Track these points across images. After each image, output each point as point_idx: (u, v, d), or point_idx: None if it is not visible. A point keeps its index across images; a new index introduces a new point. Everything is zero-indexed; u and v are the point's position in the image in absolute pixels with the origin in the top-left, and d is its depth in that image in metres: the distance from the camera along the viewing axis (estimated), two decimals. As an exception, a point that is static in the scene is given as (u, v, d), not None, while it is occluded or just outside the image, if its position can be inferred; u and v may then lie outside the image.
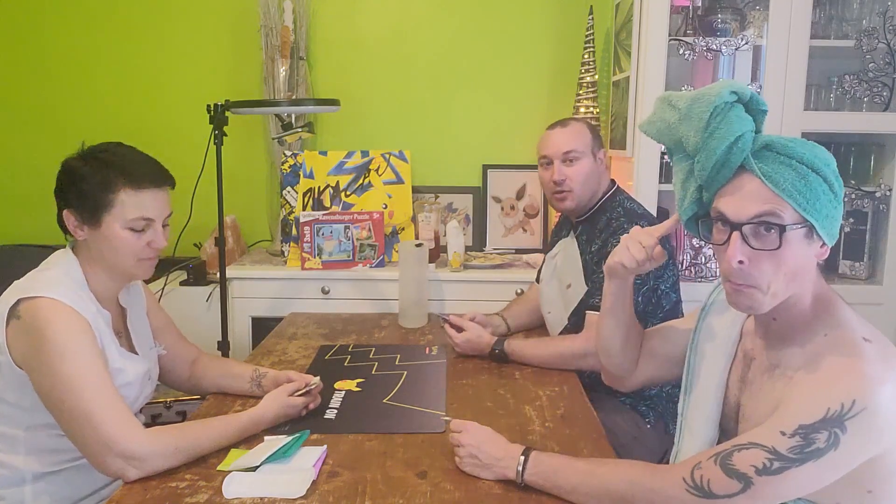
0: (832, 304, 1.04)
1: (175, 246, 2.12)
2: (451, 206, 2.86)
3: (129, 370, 1.38)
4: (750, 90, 1.04)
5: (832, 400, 0.91)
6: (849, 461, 0.92)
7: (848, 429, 0.89)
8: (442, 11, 2.82)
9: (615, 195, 1.86)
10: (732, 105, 1.02)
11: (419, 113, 2.86)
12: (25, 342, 1.24)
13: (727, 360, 1.16)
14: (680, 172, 1.11)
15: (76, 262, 1.35)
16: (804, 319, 1.03)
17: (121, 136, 1.54)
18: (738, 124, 1.00)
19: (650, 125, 1.14)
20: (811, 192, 0.96)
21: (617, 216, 1.77)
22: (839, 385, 0.92)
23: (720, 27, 2.36)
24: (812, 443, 0.91)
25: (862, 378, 0.91)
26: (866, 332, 0.98)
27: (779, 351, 1.06)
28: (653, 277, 1.69)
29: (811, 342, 1.01)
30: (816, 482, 0.94)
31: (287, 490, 1.14)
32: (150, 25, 2.82)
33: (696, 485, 0.97)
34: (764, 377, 1.07)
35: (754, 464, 0.93)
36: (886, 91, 2.34)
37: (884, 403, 0.90)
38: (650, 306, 1.72)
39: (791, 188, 0.96)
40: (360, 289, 2.44)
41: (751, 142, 1.01)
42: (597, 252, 1.76)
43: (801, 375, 0.98)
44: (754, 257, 0.98)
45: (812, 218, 0.97)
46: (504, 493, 1.14)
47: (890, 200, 2.37)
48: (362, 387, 1.61)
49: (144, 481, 1.17)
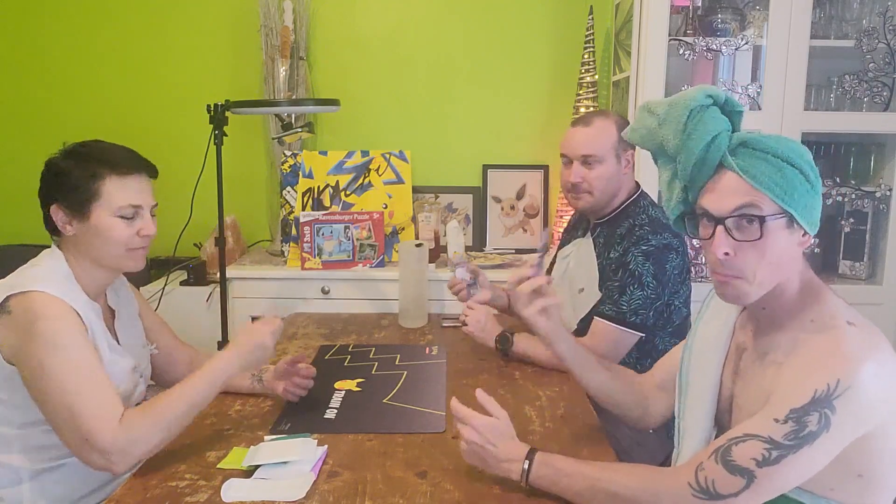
0: (818, 292, 1.07)
1: (175, 246, 2.12)
2: (451, 206, 2.86)
3: (117, 364, 1.38)
4: (724, 93, 1.09)
5: (818, 381, 0.94)
6: (841, 442, 0.94)
7: (837, 409, 0.92)
8: (442, 11, 2.82)
9: (639, 200, 1.80)
10: (707, 107, 1.07)
11: (419, 113, 2.86)
12: (15, 336, 1.23)
13: (721, 357, 1.18)
14: (665, 174, 1.15)
15: (62, 259, 1.36)
16: (792, 307, 1.07)
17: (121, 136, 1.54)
18: (714, 124, 1.05)
19: (633, 132, 1.19)
20: (787, 183, 1.00)
21: (640, 224, 1.71)
22: (824, 366, 0.95)
23: (720, 27, 2.36)
24: (805, 426, 0.93)
25: (844, 358, 0.94)
26: (850, 317, 1.02)
27: (768, 339, 1.09)
28: (668, 293, 1.67)
29: (798, 328, 1.04)
30: (813, 467, 0.96)
31: (287, 493, 1.13)
32: (150, 25, 2.82)
33: (702, 487, 0.98)
34: (755, 365, 1.10)
35: (754, 456, 0.95)
36: (886, 91, 2.35)
37: (867, 382, 0.93)
38: (661, 321, 1.69)
39: (768, 181, 1.00)
40: (360, 289, 2.44)
41: (727, 140, 1.05)
42: (616, 259, 1.70)
43: (789, 361, 1.01)
44: (739, 249, 1.02)
45: (790, 208, 1.00)
46: (504, 493, 1.14)
47: (890, 200, 2.38)
48: (362, 387, 1.61)
49: (144, 480, 1.17)
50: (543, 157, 2.83)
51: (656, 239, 1.66)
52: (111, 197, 1.33)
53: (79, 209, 1.32)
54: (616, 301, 1.66)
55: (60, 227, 1.34)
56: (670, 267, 1.67)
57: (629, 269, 1.66)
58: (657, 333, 1.70)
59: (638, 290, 1.64)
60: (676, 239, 1.70)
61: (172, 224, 2.02)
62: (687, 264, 1.73)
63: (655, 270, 1.65)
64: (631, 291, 1.65)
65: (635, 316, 1.64)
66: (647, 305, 1.64)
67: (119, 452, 1.17)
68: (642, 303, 1.64)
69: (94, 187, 1.32)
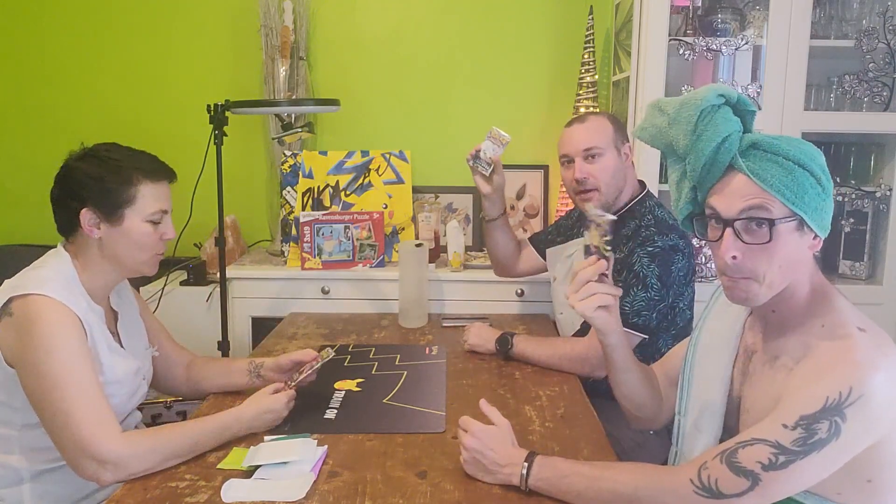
0: (828, 295, 1.06)
1: (175, 246, 2.12)
2: (451, 206, 2.86)
3: (120, 367, 1.38)
4: (737, 92, 1.07)
5: (830, 389, 0.92)
6: (851, 450, 0.93)
7: (848, 417, 0.91)
8: (442, 11, 2.81)
9: (645, 200, 1.79)
10: (719, 108, 1.06)
11: (419, 113, 2.86)
12: (15, 339, 1.24)
13: (731, 356, 1.17)
14: (674, 174, 1.14)
15: (69, 260, 1.36)
16: (801, 310, 1.06)
17: (121, 135, 1.55)
18: (725, 126, 1.04)
19: (643, 131, 1.17)
20: (798, 186, 0.99)
21: (647, 224, 1.71)
22: (835, 374, 0.94)
23: (720, 27, 2.36)
24: (814, 434, 0.92)
25: (856, 366, 0.93)
26: (861, 322, 1.01)
27: (778, 342, 1.08)
28: (672, 295, 1.67)
29: (808, 332, 1.03)
30: (821, 473, 0.95)
31: (287, 494, 1.13)
32: (151, 25, 2.82)
33: (704, 485, 0.98)
34: (765, 368, 1.09)
35: (760, 460, 0.94)
36: (886, 91, 2.34)
37: (878, 390, 0.92)
38: (664, 322, 1.69)
39: (778, 183, 0.99)
40: (360, 289, 2.44)
41: (738, 141, 1.04)
42: (621, 260, 1.69)
43: (799, 366, 1.00)
44: (748, 252, 1.01)
45: (801, 211, 1.00)
46: (504, 493, 1.14)
47: (890, 200, 2.37)
48: (362, 387, 1.61)
49: (145, 481, 1.17)
50: (543, 157, 2.82)
51: (662, 240, 1.66)
52: (145, 202, 1.37)
53: (111, 213, 1.35)
54: (619, 301, 1.66)
55: (87, 229, 1.35)
56: (675, 269, 1.67)
57: (634, 271, 1.66)
58: (660, 335, 1.69)
59: (642, 291, 1.64)
60: (682, 240, 1.69)
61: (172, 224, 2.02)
62: (692, 266, 1.73)
63: (660, 272, 1.64)
64: (634, 293, 1.64)
65: (638, 317, 1.64)
66: (651, 307, 1.64)
67: (114, 464, 1.18)
68: (645, 304, 1.64)
69: (129, 192, 1.36)
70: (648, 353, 1.68)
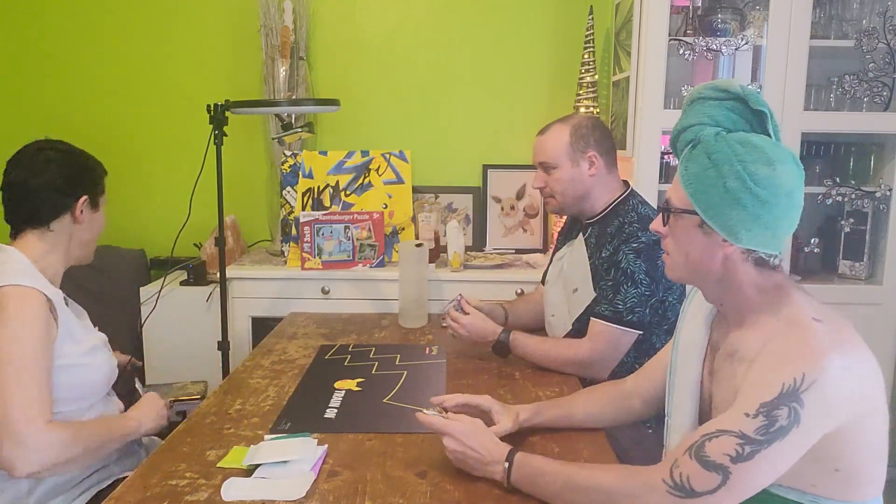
0: (782, 290, 1.08)
1: (174, 246, 2.13)
2: (451, 206, 2.86)
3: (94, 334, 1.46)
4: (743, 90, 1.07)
5: (785, 375, 0.94)
6: (814, 435, 0.95)
7: (805, 403, 0.93)
8: (442, 11, 2.82)
9: (628, 199, 1.80)
10: (707, 100, 1.09)
11: (419, 113, 2.86)
12: None
13: (700, 357, 1.19)
14: None
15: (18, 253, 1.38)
16: (752, 306, 1.09)
17: (121, 135, 1.55)
18: (694, 117, 1.09)
19: None
20: (701, 185, 1.04)
21: (630, 221, 1.72)
22: (790, 361, 0.96)
23: (720, 27, 2.36)
24: (775, 421, 0.93)
25: (809, 352, 0.95)
26: (817, 314, 1.02)
27: (736, 337, 1.10)
28: (662, 289, 1.67)
29: (764, 326, 1.05)
30: (788, 461, 0.96)
31: (287, 493, 1.13)
32: (150, 25, 2.82)
33: (677, 483, 0.98)
34: (726, 364, 1.11)
35: (728, 452, 0.95)
36: (886, 91, 2.35)
37: (832, 375, 0.93)
38: (656, 317, 1.69)
39: (689, 177, 1.06)
40: (360, 289, 2.44)
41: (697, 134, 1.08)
42: (607, 258, 1.71)
43: (757, 358, 1.02)
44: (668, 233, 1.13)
45: (698, 207, 1.05)
46: (504, 493, 1.14)
47: (890, 200, 2.38)
48: (362, 386, 1.61)
49: (145, 479, 1.17)
50: (543, 157, 2.83)
51: (646, 235, 1.67)
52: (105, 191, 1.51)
53: (96, 201, 1.48)
54: (611, 301, 1.67)
55: (77, 216, 1.43)
56: (662, 263, 1.67)
57: (621, 268, 1.67)
58: (654, 331, 1.70)
59: (632, 288, 1.65)
60: None
61: (172, 224, 2.02)
62: None
63: (647, 267, 1.65)
64: (625, 290, 1.65)
65: (632, 314, 1.65)
66: (643, 303, 1.65)
67: (32, 449, 1.20)
68: (637, 301, 1.64)
69: (104, 181, 1.50)
70: (643, 350, 1.68)
